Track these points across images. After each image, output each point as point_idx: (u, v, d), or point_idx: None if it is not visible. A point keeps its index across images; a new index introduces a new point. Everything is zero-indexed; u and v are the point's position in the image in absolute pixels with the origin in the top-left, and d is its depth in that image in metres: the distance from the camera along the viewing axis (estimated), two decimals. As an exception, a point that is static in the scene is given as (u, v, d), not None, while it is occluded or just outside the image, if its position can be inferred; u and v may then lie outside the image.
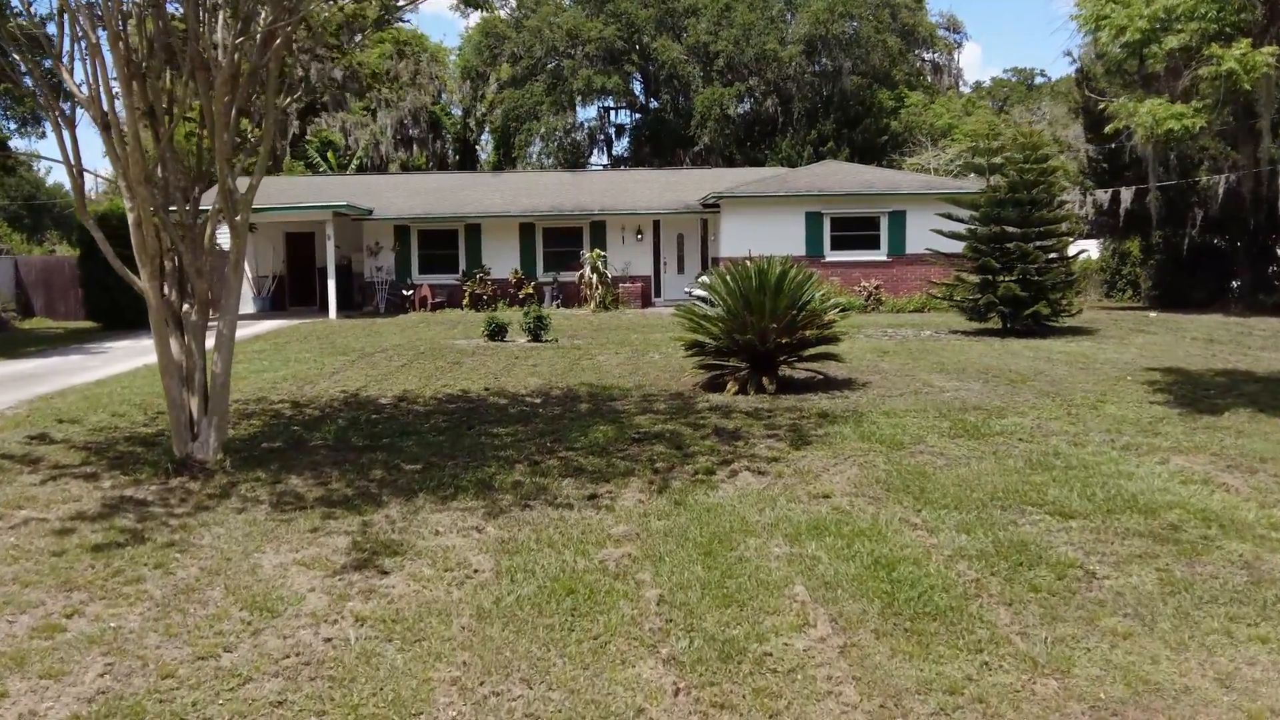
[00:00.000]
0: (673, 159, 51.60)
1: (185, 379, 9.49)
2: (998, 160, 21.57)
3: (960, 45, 72.40)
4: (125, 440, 11.17)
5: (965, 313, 21.54)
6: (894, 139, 51.58)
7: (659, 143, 54.24)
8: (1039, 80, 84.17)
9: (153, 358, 19.05)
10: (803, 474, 8.95)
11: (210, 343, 9.61)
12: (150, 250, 9.05)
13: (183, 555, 7.17)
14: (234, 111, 9.24)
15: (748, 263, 13.69)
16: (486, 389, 14.10)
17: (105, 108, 8.89)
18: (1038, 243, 20.85)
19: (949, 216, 22.11)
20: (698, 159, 50.65)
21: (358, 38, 46.46)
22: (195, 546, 7.36)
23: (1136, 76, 18.40)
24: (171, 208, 9.45)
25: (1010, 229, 20.94)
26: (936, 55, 66.70)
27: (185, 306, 9.66)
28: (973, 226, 21.38)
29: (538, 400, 13.12)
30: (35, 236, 64.00)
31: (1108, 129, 12.82)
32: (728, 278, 13.65)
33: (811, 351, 13.82)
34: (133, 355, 19.67)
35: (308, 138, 53.46)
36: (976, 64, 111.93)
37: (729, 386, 13.27)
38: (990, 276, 20.76)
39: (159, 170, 9.56)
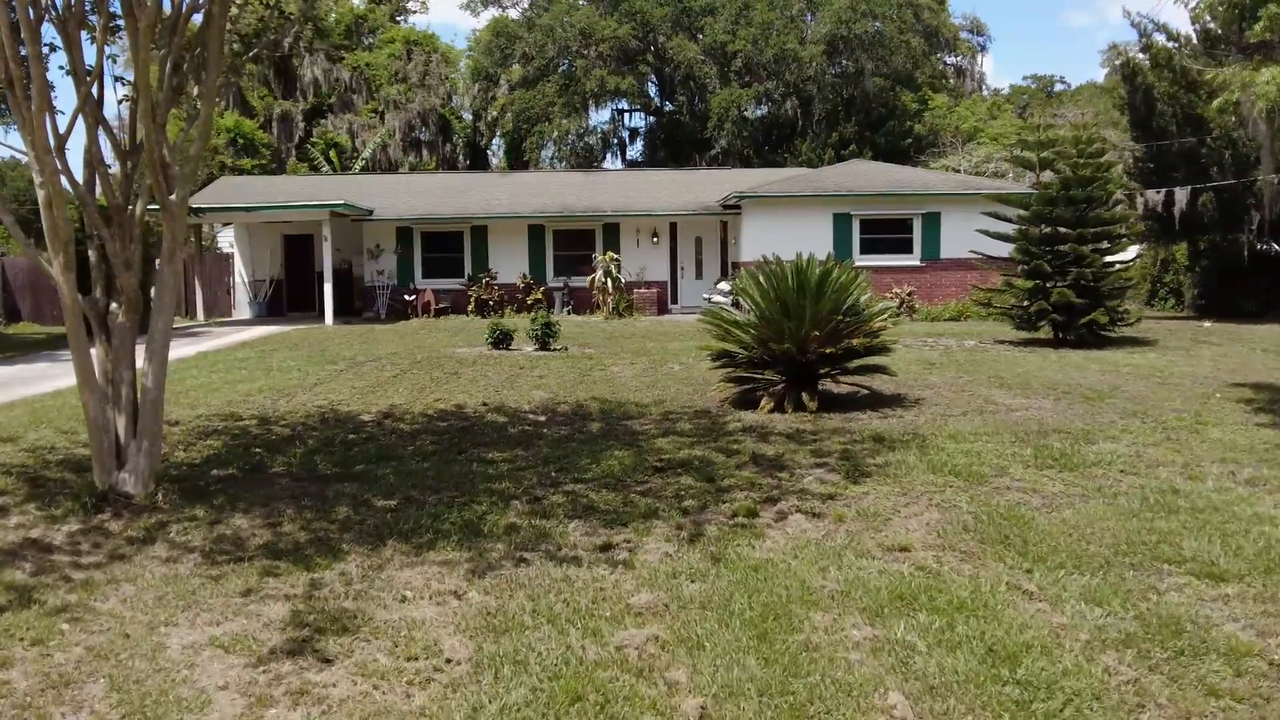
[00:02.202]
0: (689, 163, 49.84)
1: (110, 394, 7.78)
2: (1048, 155, 19.75)
3: (984, 48, 70.85)
4: (58, 464, 9.47)
5: (1013, 321, 19.71)
6: (918, 142, 49.75)
7: (674, 146, 52.51)
8: (1059, 88, 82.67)
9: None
10: (868, 517, 7.18)
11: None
12: (63, 236, 7.36)
13: (72, 626, 5.47)
14: (169, 66, 7.54)
15: (783, 261, 11.91)
16: (484, 404, 12.36)
17: (10, 58, 7.19)
18: (1093, 245, 19.04)
19: (996, 216, 20.31)
20: (714, 163, 48.87)
21: (367, 40, 44.63)
22: (92, 614, 5.65)
23: (1228, 49, 16.57)
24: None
25: (1063, 229, 19.12)
26: (960, 59, 65.06)
27: (113, 306, 7.96)
28: (1022, 227, 19.56)
29: (542, 418, 11.37)
30: (44, 241, 62.60)
31: (1215, 104, 11.06)
32: (760, 278, 11.90)
33: (857, 363, 12.05)
34: (103, 363, 17.99)
35: (313, 139, 51.97)
36: (989, 72, 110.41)
37: (763, 403, 11.51)
38: (1042, 281, 18.95)
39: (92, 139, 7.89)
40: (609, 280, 27.97)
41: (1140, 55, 28.22)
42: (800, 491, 7.82)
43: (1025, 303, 19.20)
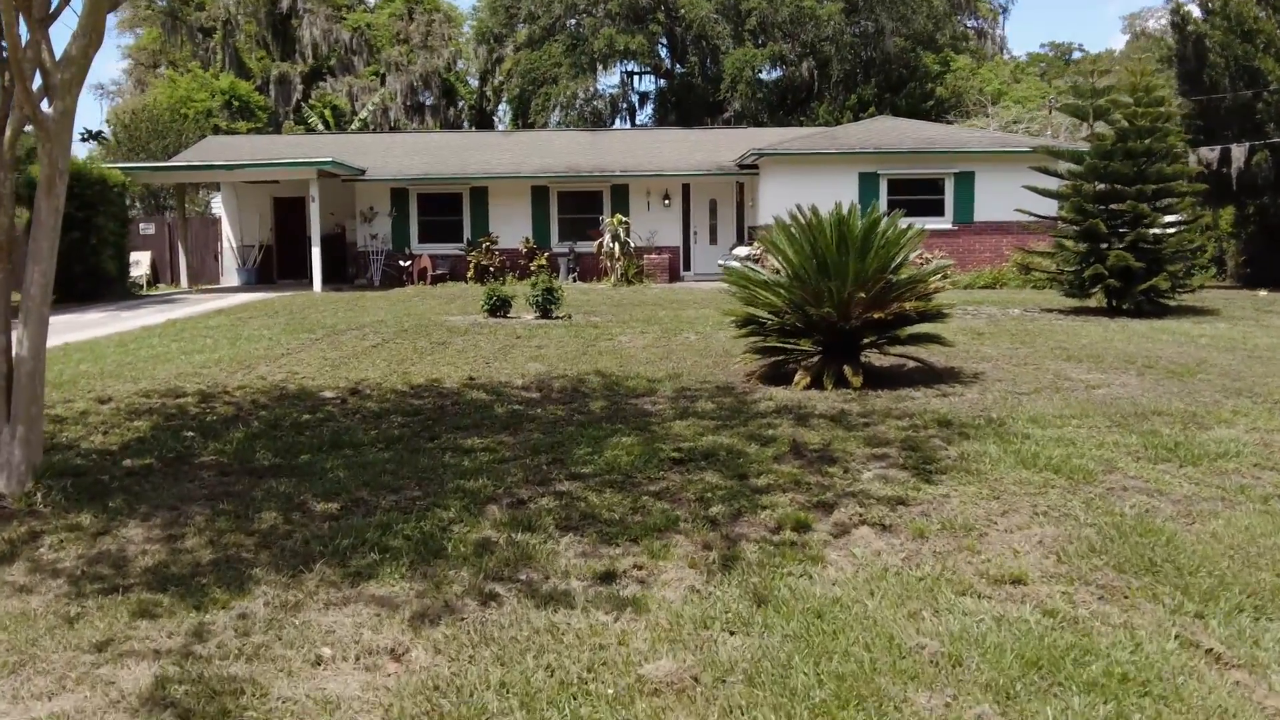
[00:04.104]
0: (700, 127, 47.83)
1: (-24, 365, 6.08)
2: (1102, 104, 17.86)
3: (1005, 10, 68.37)
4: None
5: (1062, 287, 17.88)
6: (940, 105, 47.59)
7: (685, 109, 50.42)
8: (1076, 55, 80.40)
9: (79, 335, 15.81)
10: (957, 531, 5.43)
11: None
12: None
13: None
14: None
15: (819, 211, 10.12)
16: (470, 379, 10.61)
17: None
18: (1153, 203, 17.18)
19: (1045, 171, 18.48)
20: (727, 127, 46.85)
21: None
22: (-121, 678, 3.95)
23: None
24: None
25: (1120, 186, 17.24)
26: (980, 21, 62.76)
27: (-18, 253, 6.23)
28: (1076, 183, 17.68)
29: (535, 395, 9.63)
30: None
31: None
32: (793, 229, 10.11)
33: (910, 331, 10.27)
34: (58, 331, 16.27)
35: (311, 102, 50.10)
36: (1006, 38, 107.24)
37: (797, 378, 9.74)
38: (1097, 243, 17.11)
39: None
40: (617, 245, 26.15)
41: (1191, 4, 26.23)
42: (860, 494, 6.07)
43: (1077, 267, 17.36)
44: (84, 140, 23.86)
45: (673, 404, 9.03)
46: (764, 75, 48.72)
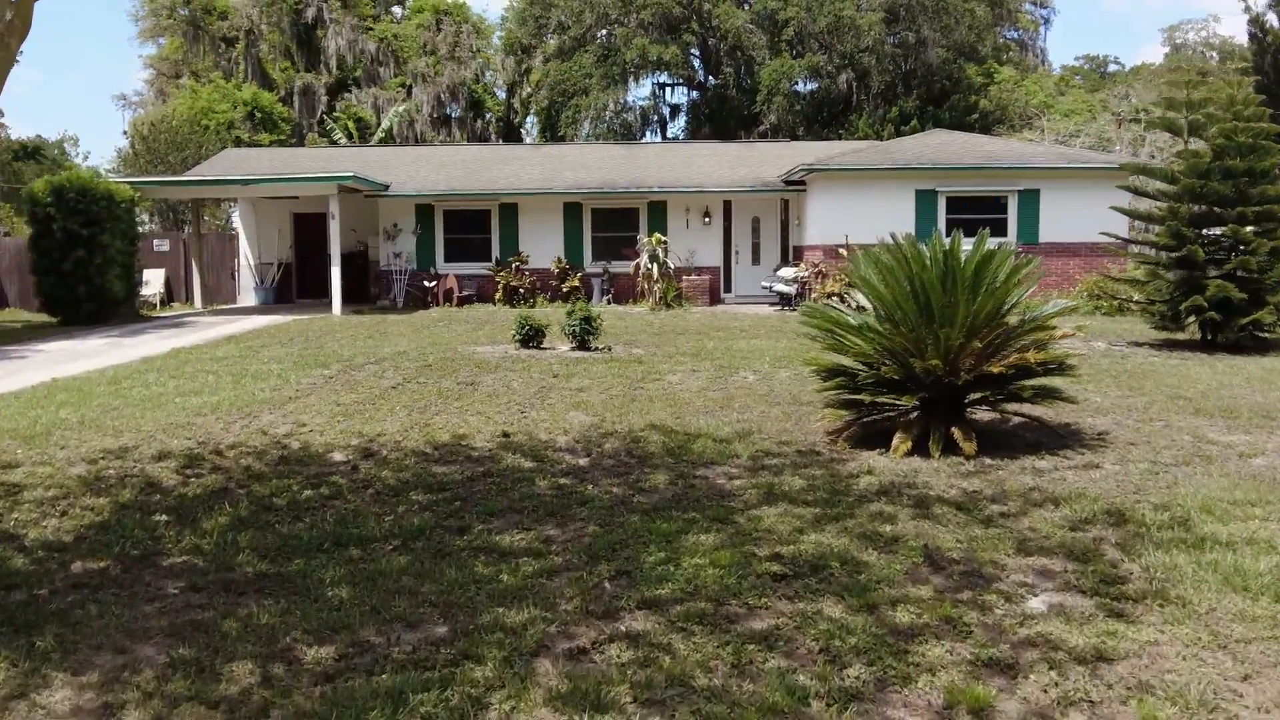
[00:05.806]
0: (734, 140, 46.30)
1: None
2: (1197, 118, 16.20)
3: (1048, 21, 66.69)
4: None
5: (1153, 318, 16.21)
6: (984, 117, 45.87)
7: (719, 121, 48.94)
8: (1112, 68, 78.63)
9: (71, 368, 14.36)
10: (1194, 713, 3.84)
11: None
12: None
13: None
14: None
15: (915, 240, 8.54)
16: (504, 435, 9.07)
17: None
18: (1254, 227, 15.50)
19: (1135, 191, 16.85)
20: (763, 140, 45.29)
21: (395, 10, 41.58)
22: None
23: None
24: None
25: (1219, 209, 15.58)
26: (1023, 33, 61.11)
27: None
28: (1172, 204, 16.01)
29: (583, 461, 8.08)
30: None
31: None
32: (884, 258, 8.54)
33: (1034, 384, 8.64)
34: (54, 362, 14.92)
35: (335, 114, 48.94)
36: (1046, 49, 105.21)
37: (897, 442, 8.14)
38: (1191, 271, 15.44)
39: None
40: (656, 266, 24.60)
41: (1270, 14, 24.51)
42: (1042, 642, 4.47)
43: (1170, 297, 15.69)
44: (17, 160, 22.12)
45: (752, 477, 7.46)
46: (800, 87, 47.23)
